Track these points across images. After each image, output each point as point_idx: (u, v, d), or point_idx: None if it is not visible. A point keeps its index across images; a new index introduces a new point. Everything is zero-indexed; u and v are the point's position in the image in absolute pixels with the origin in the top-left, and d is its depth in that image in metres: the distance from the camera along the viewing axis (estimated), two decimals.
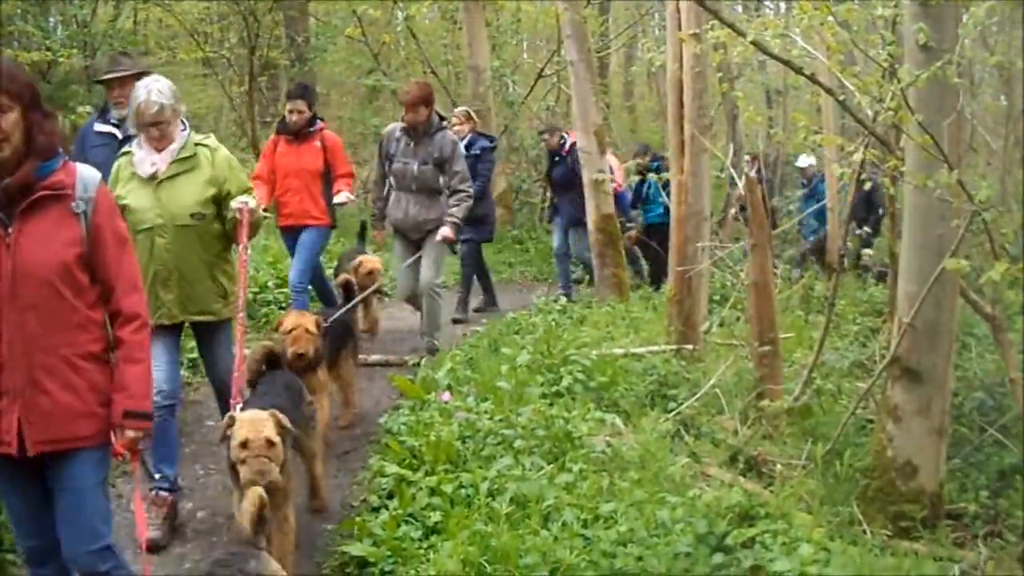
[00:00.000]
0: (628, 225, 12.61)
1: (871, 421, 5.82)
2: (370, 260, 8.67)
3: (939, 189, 4.44)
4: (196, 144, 5.18)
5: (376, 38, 18.61)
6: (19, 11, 13.29)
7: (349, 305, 7.02)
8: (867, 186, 6.78)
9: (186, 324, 5.35)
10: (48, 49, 13.45)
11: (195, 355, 6.64)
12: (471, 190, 7.79)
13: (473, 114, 10.84)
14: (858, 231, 11.86)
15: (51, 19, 15.31)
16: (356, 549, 4.67)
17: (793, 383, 6.47)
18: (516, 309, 10.04)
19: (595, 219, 10.67)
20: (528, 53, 23.84)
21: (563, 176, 11.64)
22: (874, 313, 9.26)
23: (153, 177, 5.04)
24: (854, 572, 3.97)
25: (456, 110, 11.07)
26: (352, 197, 8.16)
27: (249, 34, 16.56)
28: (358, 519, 5.06)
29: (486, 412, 6.01)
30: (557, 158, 11.76)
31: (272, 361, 5.31)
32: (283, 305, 9.71)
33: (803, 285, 10.15)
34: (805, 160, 14.56)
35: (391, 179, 7.94)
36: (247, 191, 5.24)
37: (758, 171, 12.68)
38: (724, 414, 6.33)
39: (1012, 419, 5.51)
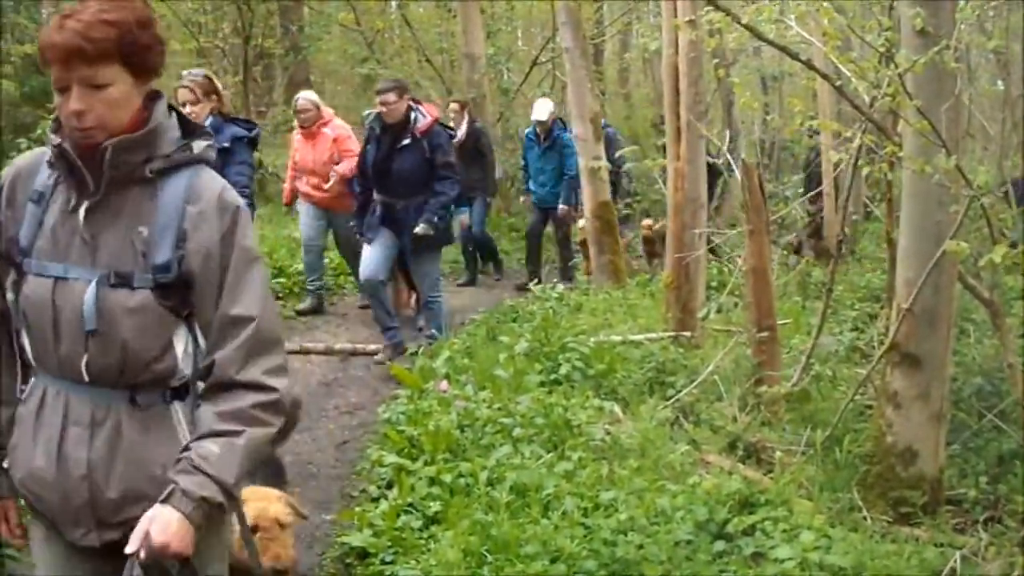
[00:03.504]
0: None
1: (870, 407, 5.81)
2: None
3: (937, 174, 4.43)
4: None
5: (370, 26, 18.56)
6: (12, 3, 13.26)
7: None
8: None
9: None
10: None
11: None
12: (282, 386, 2.29)
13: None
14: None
15: (44, 11, 15.26)
16: (356, 539, 4.67)
17: (791, 369, 6.47)
18: (513, 297, 10.02)
19: (592, 207, 10.66)
20: (523, 40, 23.78)
21: (412, 167, 7.46)
22: (872, 299, 9.24)
23: None
24: (855, 558, 3.97)
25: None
26: None
27: (243, 23, 16.50)
28: (358, 509, 5.07)
29: (485, 401, 6.01)
30: (405, 141, 7.43)
31: None
32: None
33: (800, 271, 10.13)
34: (543, 108, 11.23)
35: (22, 339, 2.33)
36: None
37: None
38: (723, 401, 6.32)
39: (1011, 404, 5.50)
